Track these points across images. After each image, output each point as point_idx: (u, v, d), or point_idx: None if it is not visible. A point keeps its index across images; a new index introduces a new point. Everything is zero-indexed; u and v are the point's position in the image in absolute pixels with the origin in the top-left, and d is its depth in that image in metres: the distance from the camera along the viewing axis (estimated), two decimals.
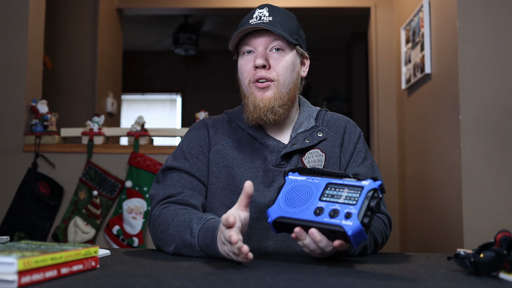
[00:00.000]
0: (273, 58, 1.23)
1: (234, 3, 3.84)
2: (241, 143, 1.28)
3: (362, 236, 0.88)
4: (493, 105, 2.14)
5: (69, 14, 3.52)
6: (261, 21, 1.22)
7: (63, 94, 3.47)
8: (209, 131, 1.31)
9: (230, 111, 1.37)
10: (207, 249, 1.01)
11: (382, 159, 3.48)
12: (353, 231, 0.87)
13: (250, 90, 1.24)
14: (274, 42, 1.23)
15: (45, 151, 2.51)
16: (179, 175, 1.24)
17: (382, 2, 3.64)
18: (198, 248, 1.03)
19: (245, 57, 1.26)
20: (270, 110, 1.22)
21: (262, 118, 1.22)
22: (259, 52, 1.23)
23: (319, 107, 1.38)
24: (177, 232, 1.08)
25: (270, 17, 1.22)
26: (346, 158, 1.30)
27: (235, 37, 1.24)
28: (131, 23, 5.26)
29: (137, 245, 2.41)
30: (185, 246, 1.06)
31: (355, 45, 5.81)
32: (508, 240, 0.80)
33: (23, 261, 0.70)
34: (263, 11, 1.24)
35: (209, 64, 6.62)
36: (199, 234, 1.03)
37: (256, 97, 1.22)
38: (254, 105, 1.22)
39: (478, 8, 2.18)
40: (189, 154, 1.27)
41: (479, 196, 2.11)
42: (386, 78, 3.53)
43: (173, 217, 1.11)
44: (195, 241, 1.03)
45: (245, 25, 1.23)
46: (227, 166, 1.26)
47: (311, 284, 0.74)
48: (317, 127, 1.31)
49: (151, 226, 1.19)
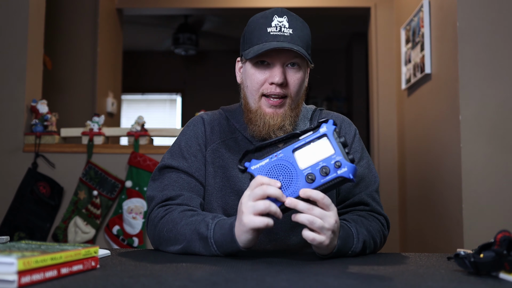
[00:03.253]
0: (289, 74, 1.19)
1: (234, 3, 3.84)
2: (236, 143, 1.27)
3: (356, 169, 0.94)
4: (493, 105, 2.14)
5: (69, 14, 3.52)
6: (282, 33, 1.17)
7: (63, 94, 3.47)
8: (205, 128, 1.28)
9: (227, 109, 1.34)
10: (223, 241, 1.01)
11: (382, 159, 3.48)
12: (352, 173, 0.94)
13: (259, 103, 1.20)
14: (293, 59, 1.19)
15: (45, 151, 2.51)
16: (177, 175, 1.22)
17: (382, 2, 3.64)
18: (213, 241, 1.02)
19: (259, 67, 1.20)
20: (280, 128, 1.20)
21: (271, 135, 1.20)
22: (278, 68, 1.18)
23: (313, 106, 1.35)
24: (189, 230, 1.06)
25: (290, 29, 1.18)
26: None
27: (257, 50, 1.16)
28: (131, 23, 5.26)
29: (137, 245, 2.41)
30: (200, 239, 1.04)
31: (355, 45, 5.81)
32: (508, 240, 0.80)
33: (23, 261, 0.70)
34: (283, 21, 1.18)
35: (209, 64, 6.62)
36: (215, 228, 1.03)
37: (266, 114, 1.19)
38: (264, 122, 1.19)
39: (478, 8, 2.18)
40: (187, 152, 1.25)
41: (479, 196, 2.11)
42: (386, 78, 3.53)
43: (181, 217, 1.10)
44: (211, 233, 1.03)
45: (263, 35, 1.17)
46: (223, 166, 1.24)
47: (311, 284, 0.74)
48: None
49: (151, 227, 1.17)
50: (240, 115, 1.29)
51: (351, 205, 1.24)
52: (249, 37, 1.21)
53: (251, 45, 1.19)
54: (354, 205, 1.24)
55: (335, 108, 6.26)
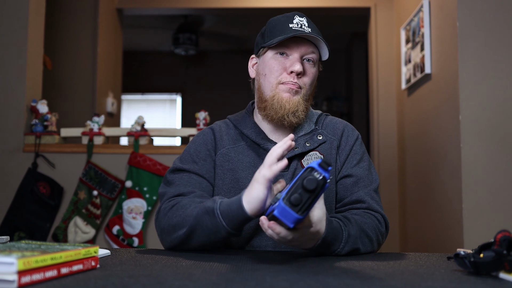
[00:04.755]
0: (306, 66, 1.28)
1: (234, 3, 3.84)
2: (245, 149, 1.31)
3: (290, 214, 0.90)
4: (493, 105, 2.14)
5: (69, 14, 3.52)
6: (303, 29, 1.25)
7: (63, 94, 3.47)
8: (215, 135, 1.34)
9: (233, 117, 1.39)
10: (229, 211, 1.04)
11: (382, 159, 3.48)
12: (279, 211, 0.90)
13: (277, 89, 1.27)
14: (311, 54, 1.28)
15: (45, 151, 2.51)
16: (188, 175, 1.27)
17: (382, 2, 3.64)
18: (219, 212, 1.05)
19: (279, 58, 1.27)
20: (293, 113, 1.26)
21: (285, 118, 1.26)
22: (296, 58, 1.26)
23: (320, 111, 1.41)
24: (196, 209, 1.10)
25: (309, 28, 1.26)
26: (342, 160, 1.32)
27: (281, 38, 1.24)
28: (131, 23, 5.26)
29: (137, 245, 2.41)
30: (206, 213, 1.08)
31: (355, 45, 5.81)
32: (508, 240, 0.80)
33: (23, 261, 0.70)
34: (303, 20, 1.28)
35: (209, 64, 6.62)
36: (222, 201, 1.07)
37: (283, 98, 1.26)
38: (280, 105, 1.26)
39: (478, 8, 2.18)
40: (197, 157, 1.30)
41: (479, 196, 2.11)
42: (386, 78, 3.53)
43: (190, 203, 1.15)
44: (217, 205, 1.06)
45: (286, 28, 1.25)
46: (232, 169, 1.28)
47: (311, 284, 0.74)
48: (317, 130, 1.33)
49: (161, 217, 1.19)
50: (247, 121, 1.35)
51: (348, 203, 1.27)
52: (271, 31, 1.29)
53: (273, 37, 1.27)
54: (352, 203, 1.26)
55: (335, 108, 6.26)
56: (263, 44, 1.30)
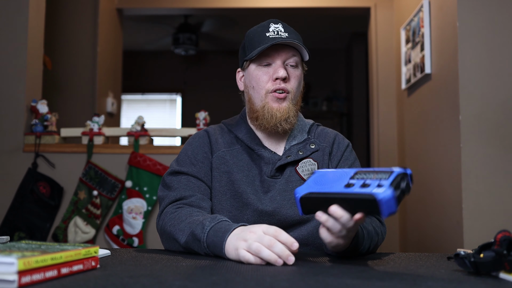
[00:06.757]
0: (290, 71, 1.31)
1: (234, 3, 3.83)
2: (240, 152, 1.33)
3: (392, 205, 0.85)
4: (493, 105, 2.14)
5: (69, 14, 3.52)
6: (279, 36, 1.28)
7: (63, 94, 3.47)
8: (210, 139, 1.35)
9: (227, 122, 1.42)
10: (214, 248, 1.04)
11: (382, 159, 3.48)
12: (384, 197, 0.85)
13: (266, 99, 1.30)
14: (292, 58, 1.30)
15: (45, 151, 2.51)
16: (187, 178, 1.28)
17: (382, 2, 3.64)
18: (206, 245, 1.05)
19: (263, 68, 1.30)
20: (285, 120, 1.29)
21: (277, 126, 1.29)
22: (279, 65, 1.29)
23: (311, 120, 1.44)
24: (188, 228, 1.10)
25: (286, 33, 1.29)
26: (333, 165, 1.35)
27: (260, 49, 1.27)
28: (131, 23, 5.26)
29: (137, 245, 2.41)
30: (194, 240, 1.08)
31: (355, 45, 5.81)
32: (508, 240, 0.80)
33: (23, 261, 0.70)
34: (278, 27, 1.30)
35: (209, 64, 6.61)
36: (209, 232, 1.05)
37: (273, 108, 1.29)
38: (271, 115, 1.29)
39: (478, 8, 2.18)
40: (195, 159, 1.31)
41: (479, 196, 2.11)
42: (386, 78, 3.53)
43: (186, 216, 1.15)
44: (205, 237, 1.05)
45: (263, 38, 1.28)
46: (228, 171, 1.30)
47: (311, 284, 0.74)
48: (309, 139, 1.37)
49: (160, 222, 1.21)
50: (242, 126, 1.37)
51: None
52: (249, 43, 1.32)
53: (253, 49, 1.30)
54: None
55: (335, 108, 6.25)
56: (245, 58, 1.33)
